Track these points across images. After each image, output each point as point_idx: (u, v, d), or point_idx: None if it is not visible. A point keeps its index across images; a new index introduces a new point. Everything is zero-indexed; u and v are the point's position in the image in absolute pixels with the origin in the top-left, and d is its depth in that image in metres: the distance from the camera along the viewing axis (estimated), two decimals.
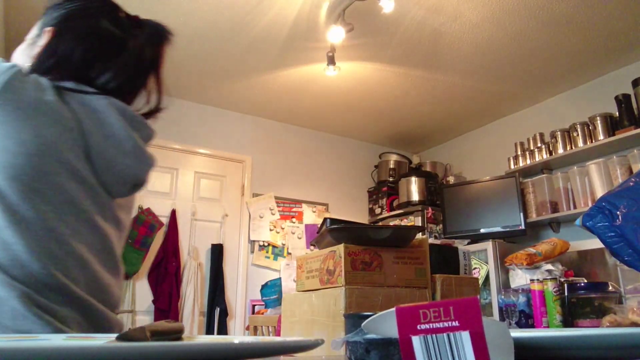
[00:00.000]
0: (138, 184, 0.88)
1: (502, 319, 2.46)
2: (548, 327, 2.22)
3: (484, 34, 2.94)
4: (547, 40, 2.99)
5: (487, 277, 3.21)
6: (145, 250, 3.43)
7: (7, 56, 0.92)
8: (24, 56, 0.87)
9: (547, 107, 3.81)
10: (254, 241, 3.93)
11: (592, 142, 3.18)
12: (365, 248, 1.41)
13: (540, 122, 3.79)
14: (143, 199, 3.56)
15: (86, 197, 0.80)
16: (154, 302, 3.38)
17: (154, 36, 0.91)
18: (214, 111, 4.04)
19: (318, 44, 3.04)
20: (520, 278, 2.99)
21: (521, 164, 3.65)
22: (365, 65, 3.33)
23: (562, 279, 2.76)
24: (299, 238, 4.13)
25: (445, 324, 0.33)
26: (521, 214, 3.39)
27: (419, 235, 1.58)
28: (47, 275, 0.72)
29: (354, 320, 0.46)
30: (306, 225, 4.18)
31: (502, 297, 2.50)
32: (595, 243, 2.66)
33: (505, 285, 3.13)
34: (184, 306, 3.45)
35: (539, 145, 3.55)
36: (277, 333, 2.28)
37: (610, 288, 2.40)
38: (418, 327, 0.34)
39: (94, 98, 0.81)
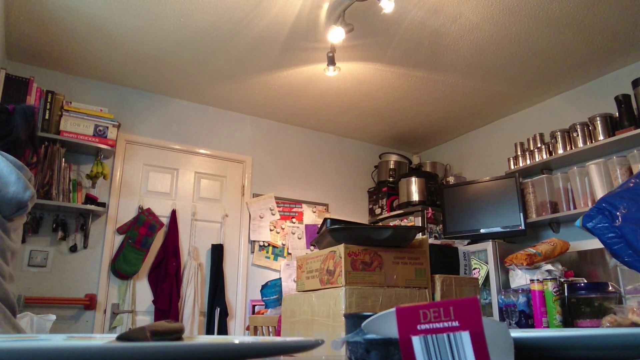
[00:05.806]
0: (21, 207, 1.14)
1: (502, 319, 2.46)
2: (548, 327, 2.22)
3: (484, 34, 2.94)
4: (547, 40, 2.99)
5: (487, 277, 3.21)
6: (145, 250, 3.43)
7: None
8: None
9: (547, 107, 3.81)
10: (254, 241, 3.93)
11: (592, 142, 3.18)
12: (365, 248, 1.41)
13: (540, 122, 3.79)
14: (144, 199, 3.56)
15: None
16: (154, 302, 3.38)
17: (24, 120, 1.31)
18: (214, 111, 4.04)
19: (318, 44, 3.04)
20: (520, 278, 2.99)
21: (521, 164, 3.65)
22: (366, 66, 3.33)
23: (562, 279, 2.75)
24: (299, 238, 4.13)
25: (445, 324, 0.33)
26: (521, 214, 3.38)
27: (419, 236, 1.58)
28: None
29: (354, 320, 0.46)
30: (306, 226, 4.18)
31: (502, 297, 2.50)
32: (595, 243, 2.67)
33: (505, 286, 3.13)
34: (184, 306, 3.45)
35: (539, 145, 3.55)
36: (277, 333, 2.28)
37: (610, 288, 2.39)
38: (418, 327, 0.34)
39: None
